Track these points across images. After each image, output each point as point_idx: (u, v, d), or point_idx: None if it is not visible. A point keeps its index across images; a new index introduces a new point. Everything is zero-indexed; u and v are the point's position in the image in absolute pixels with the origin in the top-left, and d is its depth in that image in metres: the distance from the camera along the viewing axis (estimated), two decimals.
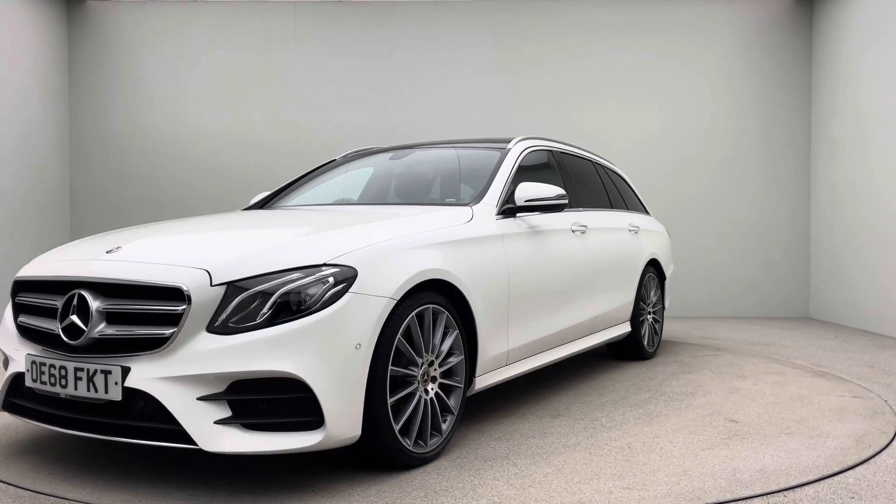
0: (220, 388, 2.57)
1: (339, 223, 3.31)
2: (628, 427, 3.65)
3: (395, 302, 2.84)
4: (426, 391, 3.07)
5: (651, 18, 8.51)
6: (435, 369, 3.12)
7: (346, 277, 2.73)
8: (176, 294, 2.62)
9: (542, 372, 5.02)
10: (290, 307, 2.63)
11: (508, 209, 3.87)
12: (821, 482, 2.84)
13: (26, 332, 2.96)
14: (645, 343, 5.56)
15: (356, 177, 4.70)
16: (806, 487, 2.79)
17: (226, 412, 2.57)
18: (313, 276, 2.68)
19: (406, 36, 8.30)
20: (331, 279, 2.70)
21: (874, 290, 7.23)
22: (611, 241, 5.02)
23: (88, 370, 2.66)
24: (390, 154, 4.80)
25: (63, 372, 2.72)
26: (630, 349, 5.53)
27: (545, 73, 8.50)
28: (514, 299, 3.69)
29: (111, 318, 2.71)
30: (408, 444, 2.93)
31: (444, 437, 3.16)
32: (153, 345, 2.61)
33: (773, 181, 8.59)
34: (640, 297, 5.52)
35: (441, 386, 3.18)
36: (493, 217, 3.74)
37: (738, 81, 8.55)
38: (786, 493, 2.73)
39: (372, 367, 2.76)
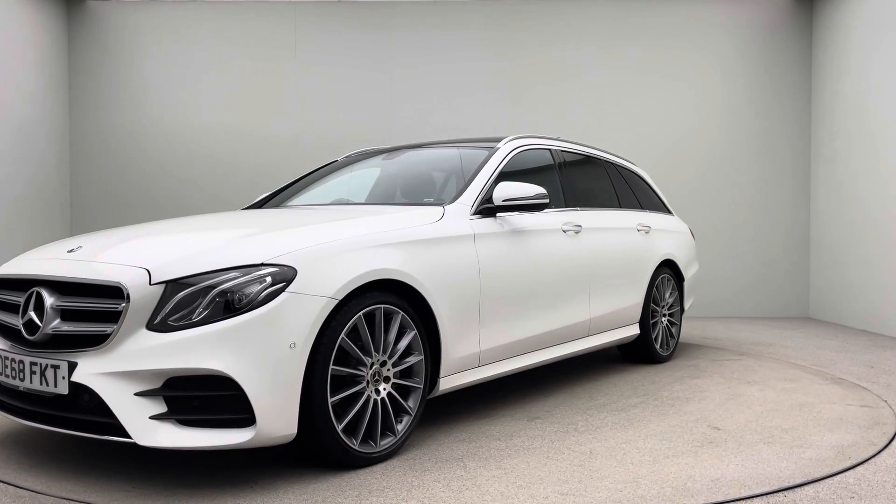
0: (157, 385, 2.64)
1: (295, 223, 3.34)
2: (602, 432, 3.56)
3: (337, 302, 2.86)
4: (377, 391, 3.07)
5: (651, 18, 8.51)
6: (388, 369, 3.12)
7: (285, 277, 2.76)
8: (116, 292, 2.71)
9: (537, 373, 4.97)
10: (228, 306, 2.68)
11: (486, 209, 3.83)
12: (821, 482, 2.82)
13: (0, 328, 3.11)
14: (657, 346, 5.41)
15: (349, 177, 4.73)
16: (806, 487, 2.77)
17: (162, 408, 2.64)
18: (250, 276, 2.72)
19: (406, 36, 8.31)
20: (268, 279, 2.74)
21: (874, 290, 7.19)
22: (613, 241, 4.90)
23: (41, 364, 2.78)
24: (384, 155, 4.82)
25: (21, 366, 2.85)
26: (641, 352, 5.38)
27: (545, 73, 8.49)
28: (486, 300, 3.65)
29: (65, 314, 2.82)
30: (353, 443, 2.94)
31: (399, 437, 3.15)
32: (96, 341, 2.70)
33: (773, 181, 8.56)
34: (653, 299, 5.37)
35: (398, 386, 3.18)
36: (467, 217, 3.71)
37: (738, 81, 8.54)
38: (785, 493, 2.71)
39: (311, 366, 2.78)
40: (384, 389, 3.10)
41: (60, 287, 2.87)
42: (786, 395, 4.37)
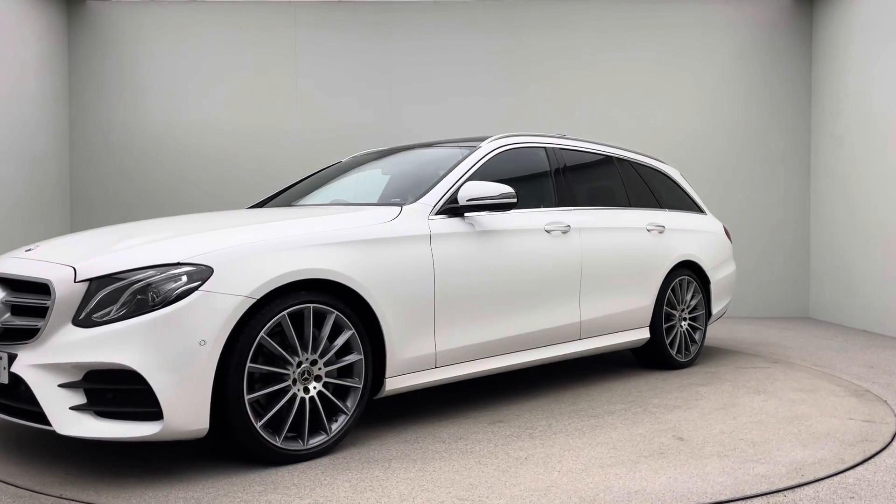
0: (78, 377, 2.78)
1: (230, 224, 3.38)
2: (555, 438, 3.45)
3: (254, 301, 2.91)
4: (306, 389, 3.10)
5: (651, 18, 8.41)
6: (320, 368, 3.15)
7: (201, 276, 2.84)
8: (45, 289, 2.88)
9: (529, 375, 4.86)
10: (144, 303, 2.79)
11: (451, 209, 3.80)
12: (821, 482, 2.82)
13: None
14: (673, 351, 5.16)
15: (346, 178, 4.79)
16: (806, 487, 2.76)
17: (82, 399, 2.78)
18: (165, 274, 2.83)
19: (406, 36, 8.26)
20: (184, 277, 2.83)
21: (874, 290, 7.15)
22: (613, 241, 4.72)
23: None
24: (383, 156, 4.85)
25: None
26: (654, 357, 5.16)
27: (546, 73, 8.41)
28: (443, 301, 3.62)
29: (14, 309, 3.02)
30: (274, 440, 2.99)
31: (332, 436, 3.17)
32: (30, 335, 2.88)
33: (774, 181, 8.46)
34: (668, 302, 5.13)
35: (336, 386, 3.20)
36: (426, 217, 3.68)
37: (738, 81, 8.45)
38: (786, 493, 2.71)
39: (225, 363, 2.85)
40: (314, 388, 3.13)
41: (13, 284, 3.07)
42: (787, 406, 4.08)
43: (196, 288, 2.82)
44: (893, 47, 6.86)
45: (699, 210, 5.91)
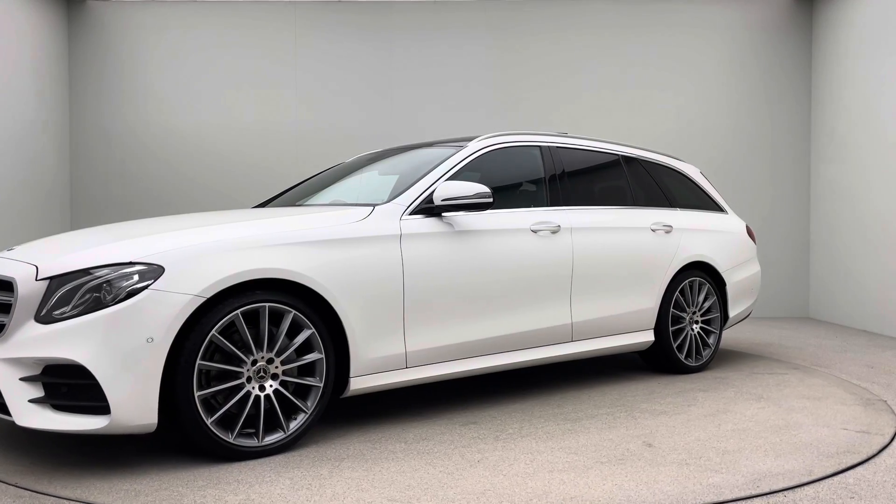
0: (37, 371, 2.91)
1: (190, 225, 3.41)
2: (519, 441, 3.39)
3: (204, 299, 2.97)
4: (261, 388, 3.15)
5: (651, 18, 8.36)
6: (276, 367, 3.19)
7: (153, 275, 2.93)
8: (9, 286, 3.01)
9: (530, 375, 4.79)
10: (99, 301, 2.89)
11: (428, 209, 3.79)
12: (821, 482, 2.84)
13: None
14: (681, 355, 4.99)
15: (344, 179, 4.80)
16: (806, 487, 2.77)
17: (40, 392, 2.90)
18: (118, 273, 2.92)
19: (406, 36, 8.21)
20: (136, 276, 2.92)
21: (874, 290, 7.14)
22: (611, 241, 4.61)
23: None
24: (381, 156, 4.87)
25: None
26: (661, 361, 5.01)
27: (546, 72, 8.34)
28: (414, 301, 3.61)
29: None
30: (227, 437, 3.04)
31: (289, 434, 3.21)
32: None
33: (773, 181, 8.40)
34: (676, 304, 4.98)
35: (297, 384, 3.24)
36: (398, 217, 3.68)
37: (738, 81, 8.40)
38: (786, 493, 2.71)
39: (175, 360, 2.92)
40: (270, 386, 3.18)
41: None
42: (783, 414, 3.89)
43: (146, 286, 2.90)
44: (893, 47, 6.83)
45: (719, 209, 5.71)
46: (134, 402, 2.85)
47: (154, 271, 2.94)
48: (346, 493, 2.70)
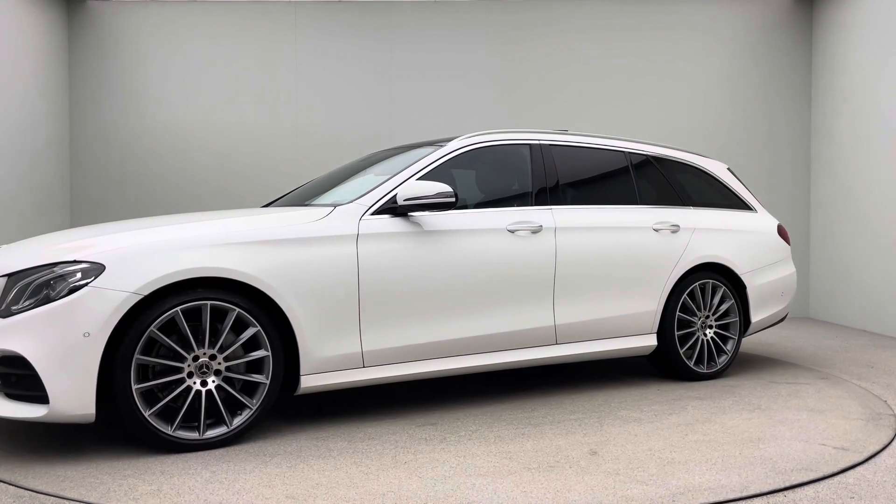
0: None
1: (143, 226, 3.54)
2: (464, 444, 3.33)
3: (141, 297, 3.10)
4: (203, 383, 3.25)
5: (650, 18, 8.30)
6: (219, 363, 3.28)
7: (94, 272, 3.08)
8: None
9: (524, 376, 4.70)
10: (47, 297, 3.08)
11: (392, 209, 3.79)
12: (821, 482, 2.84)
13: None
14: (690, 362, 4.75)
15: (340, 177, 4.83)
16: (806, 487, 2.78)
17: None
18: (64, 270, 3.10)
19: (406, 36, 8.11)
20: (79, 274, 3.09)
21: (874, 290, 7.14)
22: (602, 241, 4.44)
23: None
24: (382, 154, 4.89)
25: None
26: (668, 367, 4.79)
27: (545, 72, 8.24)
28: (370, 301, 3.62)
29: None
30: (165, 429, 3.16)
31: (232, 429, 3.30)
32: None
33: (773, 181, 8.31)
34: (685, 307, 4.75)
35: (245, 381, 3.33)
36: (358, 217, 3.70)
37: (738, 81, 8.33)
38: (786, 493, 2.72)
39: (113, 354, 3.07)
40: (213, 382, 3.27)
41: None
42: (767, 426, 3.64)
43: (87, 284, 3.06)
44: (894, 47, 6.81)
45: (746, 208, 5.39)
46: (71, 394, 3.01)
47: (96, 269, 3.09)
48: (253, 489, 2.75)
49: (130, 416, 3.10)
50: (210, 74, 8.20)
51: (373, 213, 3.76)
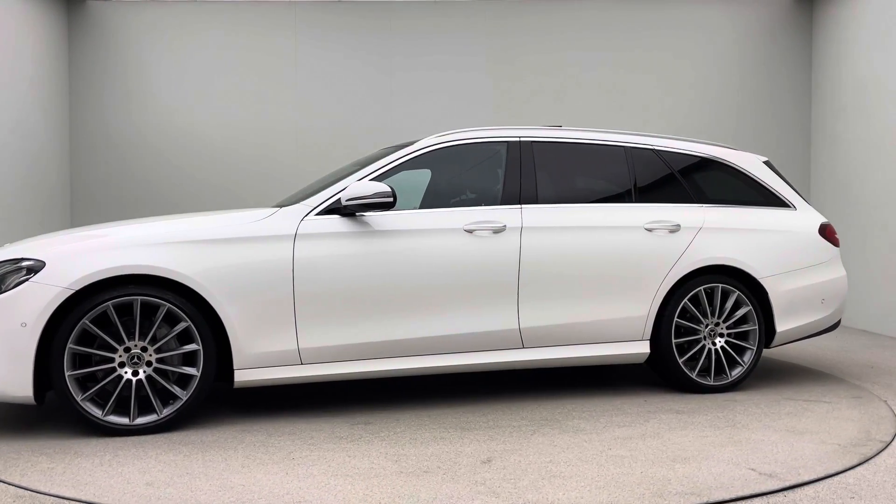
0: None
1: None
2: (368, 445, 3.34)
3: (73, 291, 3.40)
4: (135, 373, 3.50)
5: (650, 18, 8.25)
6: (150, 355, 3.52)
7: (36, 269, 3.43)
8: None
9: (524, 377, 4.55)
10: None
11: (338, 209, 3.86)
12: (821, 482, 2.85)
13: None
14: (692, 372, 4.39)
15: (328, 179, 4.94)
16: (806, 487, 2.80)
17: None
18: (14, 266, 3.47)
19: (406, 36, 7.90)
20: (24, 270, 3.44)
21: (874, 290, 7.14)
22: (579, 241, 4.21)
23: None
24: (384, 153, 4.94)
25: None
26: (667, 377, 4.47)
27: (545, 72, 8.15)
28: (306, 299, 3.72)
29: None
30: (97, 413, 3.44)
31: (162, 416, 3.53)
32: None
33: None
34: (686, 313, 4.40)
35: (180, 374, 3.56)
36: (299, 217, 3.81)
37: (738, 81, 8.33)
38: (785, 493, 2.74)
39: (48, 343, 3.39)
40: (144, 372, 3.52)
41: None
42: (712, 448, 3.31)
43: (28, 279, 3.40)
44: (893, 47, 6.82)
45: (782, 204, 4.88)
46: (10, 377, 3.37)
47: (38, 266, 3.43)
48: (143, 479, 2.88)
49: (65, 400, 3.42)
50: (210, 74, 8.19)
51: (319, 214, 3.85)
